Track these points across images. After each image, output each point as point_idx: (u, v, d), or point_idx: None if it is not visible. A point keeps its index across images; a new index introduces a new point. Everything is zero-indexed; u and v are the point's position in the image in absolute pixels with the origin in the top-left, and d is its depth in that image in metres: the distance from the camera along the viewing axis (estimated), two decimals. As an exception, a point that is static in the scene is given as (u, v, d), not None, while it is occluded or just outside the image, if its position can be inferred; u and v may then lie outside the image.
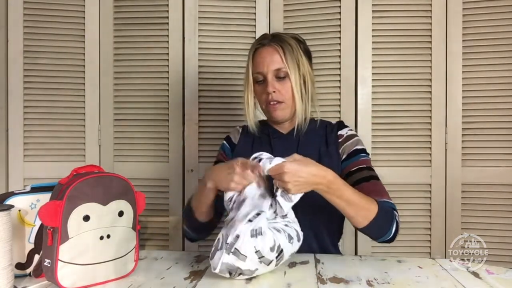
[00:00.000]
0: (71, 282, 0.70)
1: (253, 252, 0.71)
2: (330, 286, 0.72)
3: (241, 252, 0.71)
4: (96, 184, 0.74)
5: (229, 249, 0.71)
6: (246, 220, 0.74)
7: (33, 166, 1.64)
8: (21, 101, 1.63)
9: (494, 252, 1.46)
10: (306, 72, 1.02)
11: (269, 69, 0.99)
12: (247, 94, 1.04)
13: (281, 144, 1.05)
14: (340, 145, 1.03)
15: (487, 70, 1.52)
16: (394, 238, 0.92)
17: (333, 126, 1.08)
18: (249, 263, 0.71)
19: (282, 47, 0.99)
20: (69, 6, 1.63)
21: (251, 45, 1.06)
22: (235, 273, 0.72)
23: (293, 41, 1.02)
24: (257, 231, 0.72)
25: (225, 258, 0.71)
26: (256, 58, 1.02)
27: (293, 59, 0.99)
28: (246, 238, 0.71)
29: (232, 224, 0.75)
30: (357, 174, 0.98)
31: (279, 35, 1.03)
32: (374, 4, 1.56)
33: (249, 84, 1.03)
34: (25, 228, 0.79)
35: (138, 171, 1.63)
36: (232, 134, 1.14)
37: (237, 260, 0.71)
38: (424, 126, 1.55)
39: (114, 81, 1.64)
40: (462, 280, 0.75)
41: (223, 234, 0.75)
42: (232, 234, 0.72)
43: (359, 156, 1.01)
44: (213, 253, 0.74)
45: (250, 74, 1.02)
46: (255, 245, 0.71)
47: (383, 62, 1.57)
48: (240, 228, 0.73)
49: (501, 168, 1.51)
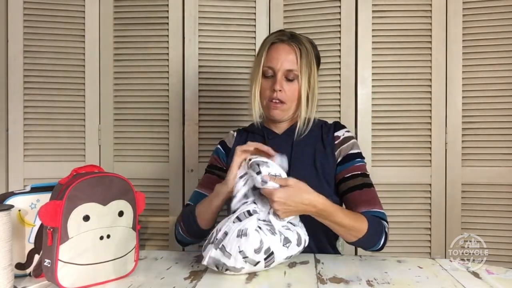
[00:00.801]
0: (71, 282, 0.70)
1: (237, 251, 0.73)
2: (330, 286, 0.72)
3: (226, 249, 0.73)
4: (96, 184, 0.74)
5: (217, 244, 0.74)
6: (234, 217, 0.76)
7: (33, 166, 1.64)
8: (21, 101, 1.63)
9: (494, 252, 1.46)
10: (314, 80, 1.01)
11: (282, 66, 0.98)
12: (255, 86, 1.02)
13: (276, 144, 1.05)
14: (337, 147, 1.02)
15: (487, 70, 1.52)
16: (383, 247, 0.93)
17: (329, 127, 1.07)
18: (233, 261, 0.73)
19: (300, 49, 0.99)
20: (69, 6, 1.63)
21: (266, 38, 1.05)
22: (222, 268, 0.75)
23: (309, 45, 1.01)
24: (243, 231, 0.74)
25: (212, 252, 0.74)
26: (271, 52, 1.00)
27: (307, 64, 0.99)
28: (232, 237, 0.74)
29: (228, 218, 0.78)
30: (350, 181, 0.98)
31: (297, 36, 1.02)
32: (374, 4, 1.56)
33: (258, 76, 1.01)
34: (25, 228, 0.79)
35: (138, 171, 1.63)
36: (226, 138, 1.13)
37: (222, 256, 0.74)
38: (424, 126, 1.55)
39: (114, 81, 1.64)
40: (462, 280, 0.75)
41: (217, 229, 0.77)
42: (222, 230, 0.75)
43: (354, 161, 1.00)
44: (205, 246, 0.77)
45: (261, 65, 1.01)
46: (239, 245, 0.73)
47: (383, 62, 1.57)
48: (229, 225, 0.75)
49: (501, 168, 1.51)
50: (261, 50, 1.03)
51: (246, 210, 0.77)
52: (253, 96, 1.03)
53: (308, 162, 1.01)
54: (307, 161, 1.01)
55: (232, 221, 0.76)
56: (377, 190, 1.42)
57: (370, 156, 1.55)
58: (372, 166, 1.55)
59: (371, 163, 1.55)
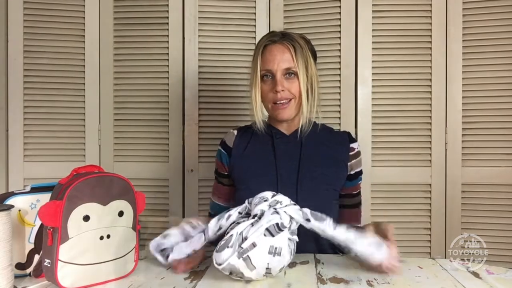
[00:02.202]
0: (71, 282, 0.70)
1: (265, 267, 0.70)
2: (330, 286, 0.72)
3: (252, 262, 0.69)
4: (96, 184, 0.74)
5: (241, 254, 0.68)
6: (264, 229, 0.70)
7: (33, 166, 1.64)
8: (21, 101, 1.63)
9: (494, 252, 1.46)
10: (313, 73, 1.02)
11: (279, 67, 0.98)
12: (254, 90, 1.02)
13: (284, 144, 1.05)
14: (351, 159, 1.05)
15: (487, 70, 1.52)
16: None
17: (342, 135, 1.09)
18: (254, 274, 0.70)
19: (293, 46, 0.99)
20: (69, 6, 1.63)
21: (259, 41, 1.05)
22: (235, 275, 0.72)
23: (302, 41, 1.02)
24: (277, 250, 0.70)
25: (233, 260, 0.68)
26: (265, 55, 1.01)
27: (302, 59, 0.99)
28: (263, 251, 0.69)
29: (248, 224, 0.72)
30: (349, 199, 1.07)
31: (288, 34, 1.03)
32: (374, 4, 1.56)
33: (257, 81, 1.01)
34: (25, 228, 0.79)
35: (138, 171, 1.63)
36: (226, 137, 1.11)
37: (244, 267, 0.69)
38: (424, 126, 1.55)
39: (114, 81, 1.64)
40: (462, 280, 0.75)
41: (237, 233, 0.71)
42: (249, 239, 0.69)
43: (358, 179, 1.08)
44: (222, 247, 0.70)
45: (258, 70, 1.01)
46: (269, 262, 0.70)
47: (383, 62, 1.57)
48: (258, 236, 0.69)
49: (501, 168, 1.51)
50: (256, 54, 1.03)
51: (275, 223, 0.71)
52: (253, 100, 1.03)
53: (317, 164, 1.02)
54: (316, 164, 1.02)
55: (262, 233, 0.70)
56: (377, 190, 1.44)
57: (370, 156, 1.55)
58: (372, 166, 1.55)
59: (371, 163, 1.55)
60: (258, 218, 0.73)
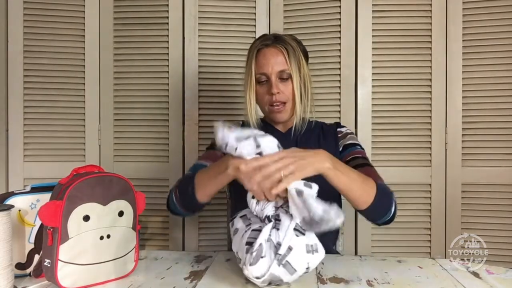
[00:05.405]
0: (71, 282, 0.70)
1: (304, 267, 0.69)
2: (330, 286, 0.72)
3: (292, 265, 0.67)
4: (96, 184, 0.74)
5: (281, 260, 0.67)
6: (292, 229, 0.68)
7: (33, 166, 1.64)
8: (21, 101, 1.63)
9: (494, 252, 1.46)
10: (305, 73, 1.04)
11: (273, 70, 1.00)
12: (249, 93, 1.04)
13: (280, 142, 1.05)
14: (339, 140, 1.08)
15: (487, 70, 1.52)
16: (394, 217, 0.89)
17: (330, 125, 1.13)
18: (294, 276, 0.69)
19: (286, 49, 1.00)
20: (69, 6, 1.63)
21: (252, 45, 1.06)
22: (273, 283, 0.70)
23: (294, 43, 1.03)
24: (313, 247, 0.69)
25: (274, 268, 0.66)
26: (259, 58, 1.02)
27: (295, 61, 1.01)
28: (301, 252, 0.68)
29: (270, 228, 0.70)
30: (352, 162, 1.01)
31: (280, 37, 1.04)
32: (374, 4, 1.56)
33: (252, 84, 1.03)
34: (25, 228, 0.79)
35: (138, 171, 1.63)
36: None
37: (285, 273, 0.67)
38: (424, 126, 1.55)
39: (114, 81, 1.64)
40: (462, 280, 0.75)
41: (265, 240, 0.69)
42: (283, 244, 0.67)
43: (355, 147, 1.06)
44: (255, 259, 0.67)
45: (253, 74, 1.03)
46: (309, 261, 0.69)
47: (383, 62, 1.57)
48: (291, 239, 0.68)
49: (501, 168, 1.51)
50: (249, 58, 1.04)
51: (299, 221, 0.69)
52: (248, 103, 1.05)
53: None
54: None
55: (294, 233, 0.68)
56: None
57: (370, 156, 1.54)
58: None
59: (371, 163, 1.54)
60: (274, 220, 0.71)
